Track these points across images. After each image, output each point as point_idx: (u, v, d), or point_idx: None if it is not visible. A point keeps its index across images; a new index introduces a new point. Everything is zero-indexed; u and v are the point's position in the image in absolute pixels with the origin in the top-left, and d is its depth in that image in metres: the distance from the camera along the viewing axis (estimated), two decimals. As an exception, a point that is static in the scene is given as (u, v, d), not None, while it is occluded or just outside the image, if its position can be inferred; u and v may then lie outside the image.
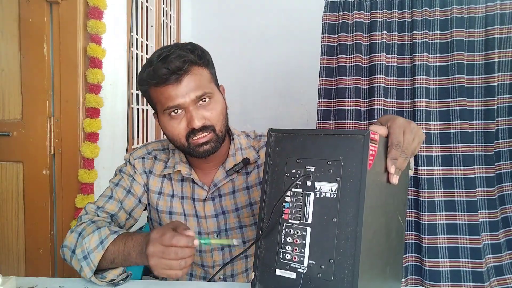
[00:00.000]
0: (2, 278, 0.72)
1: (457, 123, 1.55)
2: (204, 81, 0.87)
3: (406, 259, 1.56)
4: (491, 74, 1.54)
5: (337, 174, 0.60)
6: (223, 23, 3.32)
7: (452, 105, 1.57)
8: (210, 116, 0.87)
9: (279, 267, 0.63)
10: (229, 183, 0.98)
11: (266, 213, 0.66)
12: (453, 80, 1.57)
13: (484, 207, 1.53)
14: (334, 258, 0.58)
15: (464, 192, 1.51)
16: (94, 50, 1.66)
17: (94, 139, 1.69)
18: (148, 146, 1.04)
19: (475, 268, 1.47)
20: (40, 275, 1.06)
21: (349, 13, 1.66)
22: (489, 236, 1.52)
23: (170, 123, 0.87)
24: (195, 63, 0.85)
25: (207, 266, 1.00)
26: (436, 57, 1.61)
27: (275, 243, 0.64)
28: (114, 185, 0.99)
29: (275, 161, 0.67)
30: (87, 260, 0.79)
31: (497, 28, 1.54)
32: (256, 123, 3.22)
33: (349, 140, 0.60)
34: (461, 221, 1.50)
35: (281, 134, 0.67)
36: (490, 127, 1.54)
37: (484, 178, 1.54)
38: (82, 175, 1.66)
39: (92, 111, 1.68)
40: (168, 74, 0.82)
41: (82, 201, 1.66)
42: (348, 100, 1.64)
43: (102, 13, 1.68)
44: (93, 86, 1.68)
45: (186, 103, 0.84)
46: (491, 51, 1.54)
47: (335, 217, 0.59)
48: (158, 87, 0.84)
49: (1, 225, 1.70)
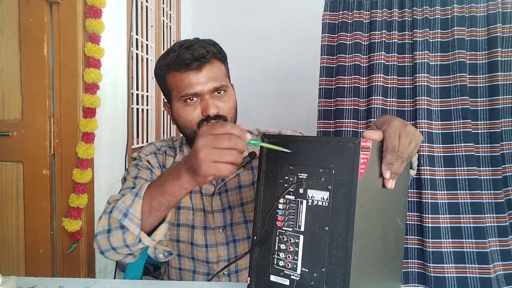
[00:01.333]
0: (2, 278, 0.72)
1: (460, 122, 1.53)
2: (221, 74, 0.91)
3: (407, 265, 1.51)
4: (495, 73, 1.53)
5: (328, 182, 0.59)
6: (223, 23, 3.32)
7: (454, 104, 1.55)
8: (224, 107, 0.90)
9: (273, 273, 0.64)
10: (235, 178, 1.00)
11: (261, 219, 0.66)
12: (454, 79, 1.56)
13: (491, 211, 1.48)
14: (326, 266, 0.58)
15: (468, 194, 1.48)
16: (91, 49, 1.66)
17: (90, 139, 1.68)
18: (156, 144, 1.04)
19: (483, 274, 1.42)
20: (40, 275, 1.06)
21: (349, 13, 1.66)
22: (497, 242, 1.47)
23: (185, 110, 0.89)
24: (216, 56, 0.90)
25: (211, 262, 1.00)
26: (437, 56, 1.60)
27: (269, 249, 0.64)
28: (133, 178, 0.93)
29: (268, 167, 0.66)
30: (128, 216, 0.71)
31: (499, 26, 1.53)
32: (256, 123, 3.22)
33: (340, 148, 0.58)
34: (466, 224, 1.47)
35: (274, 139, 0.65)
36: (496, 127, 1.51)
37: (491, 181, 1.50)
38: (76, 175, 1.66)
39: (87, 111, 1.68)
40: (191, 60, 0.85)
41: (74, 200, 1.65)
42: (347, 99, 1.64)
43: (100, 11, 1.67)
44: (90, 85, 1.68)
45: (204, 91, 0.87)
46: (494, 50, 1.53)
47: (327, 225, 0.59)
48: (179, 72, 0.87)
49: (1, 225, 1.70)
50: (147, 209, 0.72)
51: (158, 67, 0.92)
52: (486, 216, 1.48)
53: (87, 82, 1.67)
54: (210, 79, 0.87)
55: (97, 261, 1.85)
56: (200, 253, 0.99)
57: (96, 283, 0.82)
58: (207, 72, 0.87)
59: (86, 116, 1.68)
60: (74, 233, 1.67)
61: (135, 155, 1.02)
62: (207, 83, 0.87)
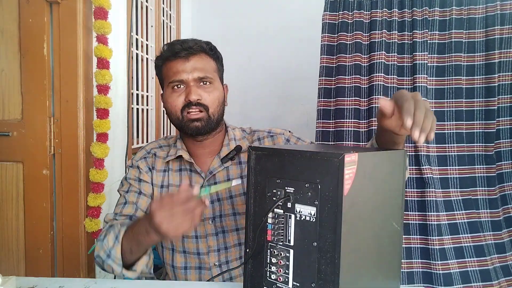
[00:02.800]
0: (2, 278, 0.72)
1: (452, 123, 1.55)
2: (208, 67, 0.98)
3: (412, 265, 1.52)
4: (492, 75, 1.54)
5: (315, 197, 0.57)
6: (223, 23, 3.32)
7: (447, 106, 1.57)
8: (207, 97, 0.97)
9: (266, 286, 0.63)
10: (224, 171, 1.03)
11: (252, 231, 0.66)
12: (449, 81, 1.57)
13: (485, 207, 1.52)
14: (316, 282, 0.57)
15: (459, 191, 1.52)
16: (102, 50, 1.66)
17: (104, 139, 1.71)
18: (146, 147, 1.11)
19: (482, 266, 1.46)
20: (40, 275, 1.06)
21: (349, 12, 1.66)
22: (492, 236, 1.51)
23: (171, 96, 0.97)
24: (205, 51, 0.98)
25: (202, 253, 1.02)
26: (433, 57, 1.61)
27: (262, 262, 0.64)
28: (125, 192, 1.04)
29: (257, 179, 0.65)
30: (111, 257, 0.85)
31: (497, 28, 1.53)
32: (256, 123, 3.21)
33: (325, 162, 0.56)
34: (461, 220, 1.50)
35: (261, 152, 0.64)
36: (491, 127, 1.54)
37: (485, 178, 1.53)
38: (94, 174, 1.68)
39: (102, 111, 1.69)
40: (180, 49, 0.95)
41: (94, 200, 1.68)
42: (348, 99, 1.64)
43: (107, 13, 1.68)
44: (102, 86, 1.68)
45: (188, 79, 0.95)
46: (492, 52, 1.54)
47: (315, 241, 0.57)
48: (169, 61, 0.97)
49: (1, 225, 1.69)
50: (127, 250, 0.84)
51: (156, 58, 1.02)
52: (481, 212, 1.51)
53: (100, 83, 1.68)
54: (196, 69, 0.95)
55: (97, 261, 1.85)
56: (191, 244, 1.02)
57: (96, 283, 0.82)
58: (194, 62, 0.95)
59: (101, 117, 1.69)
60: (96, 232, 1.70)
61: (129, 163, 1.10)
62: (192, 72, 0.95)
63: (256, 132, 1.10)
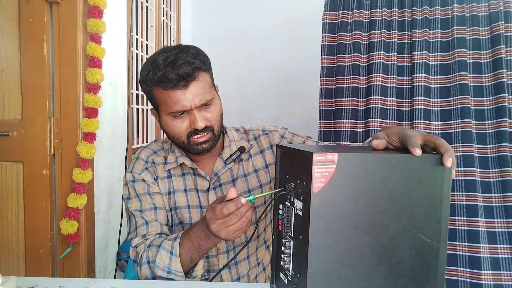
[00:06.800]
0: (2, 278, 0.72)
1: (459, 122, 1.53)
2: (207, 86, 0.92)
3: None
4: (500, 71, 1.51)
5: (302, 193, 0.62)
6: (223, 23, 3.32)
7: (453, 103, 1.55)
8: (211, 117, 0.93)
9: (281, 271, 0.70)
10: (228, 172, 1.03)
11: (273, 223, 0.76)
12: (454, 78, 1.55)
13: (501, 216, 1.45)
14: (301, 273, 0.62)
15: (464, 195, 1.48)
16: (94, 49, 1.66)
17: (91, 139, 1.68)
18: (141, 156, 1.04)
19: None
20: (40, 275, 1.06)
21: (349, 12, 1.66)
22: (509, 249, 1.44)
23: (173, 123, 0.92)
24: (201, 69, 0.90)
25: (211, 256, 1.02)
26: (437, 56, 1.60)
27: (279, 250, 0.71)
28: (140, 212, 0.98)
29: (281, 174, 0.72)
30: (172, 273, 0.86)
31: (501, 24, 1.52)
32: (256, 123, 3.21)
33: (305, 160, 0.60)
34: (461, 227, 1.46)
35: (281, 150, 0.73)
36: (502, 125, 1.49)
37: (500, 183, 1.47)
38: (76, 174, 1.65)
39: (90, 110, 1.68)
40: (177, 79, 0.86)
41: (74, 200, 1.64)
42: (345, 100, 1.64)
43: (102, 12, 1.67)
44: (92, 85, 1.68)
45: (191, 107, 0.89)
46: (498, 47, 1.52)
47: (301, 235, 0.62)
48: (164, 90, 0.88)
49: (1, 225, 1.70)
50: (187, 261, 0.87)
51: (143, 81, 0.92)
52: (496, 222, 1.45)
53: (90, 82, 1.67)
54: (197, 95, 0.88)
55: (97, 261, 1.85)
56: None
57: (96, 283, 0.82)
58: (194, 88, 0.88)
59: (89, 116, 1.67)
60: (71, 235, 1.65)
61: (129, 177, 1.02)
62: (194, 99, 0.88)
63: (250, 131, 1.10)
